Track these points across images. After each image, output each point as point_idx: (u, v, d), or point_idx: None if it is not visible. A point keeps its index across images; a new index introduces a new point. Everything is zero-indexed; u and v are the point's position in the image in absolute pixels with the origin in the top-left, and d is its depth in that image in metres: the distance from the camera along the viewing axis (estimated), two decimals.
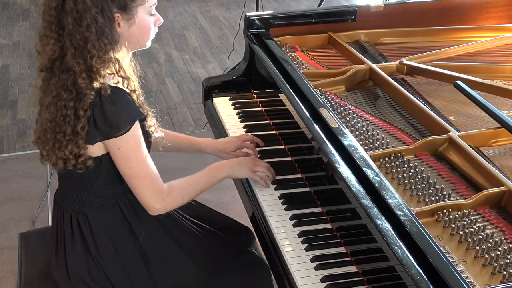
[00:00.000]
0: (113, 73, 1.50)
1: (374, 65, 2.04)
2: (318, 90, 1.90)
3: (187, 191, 1.67)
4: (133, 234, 1.66)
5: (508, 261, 1.29)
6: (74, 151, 1.52)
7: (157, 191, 1.58)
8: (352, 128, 1.75)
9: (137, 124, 1.53)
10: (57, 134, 1.53)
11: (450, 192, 1.48)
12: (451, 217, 1.41)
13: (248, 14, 2.25)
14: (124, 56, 1.58)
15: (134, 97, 1.56)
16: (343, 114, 1.82)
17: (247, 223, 1.90)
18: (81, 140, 1.50)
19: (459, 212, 1.42)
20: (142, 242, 1.66)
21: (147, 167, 1.56)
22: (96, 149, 1.54)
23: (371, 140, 1.69)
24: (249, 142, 1.95)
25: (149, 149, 1.63)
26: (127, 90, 1.54)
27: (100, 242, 1.63)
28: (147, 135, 1.62)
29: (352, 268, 1.49)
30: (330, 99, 1.91)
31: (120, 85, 1.52)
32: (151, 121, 1.64)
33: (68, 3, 1.45)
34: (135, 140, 1.53)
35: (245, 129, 2.09)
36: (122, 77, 1.53)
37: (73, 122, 1.49)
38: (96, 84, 1.47)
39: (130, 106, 1.53)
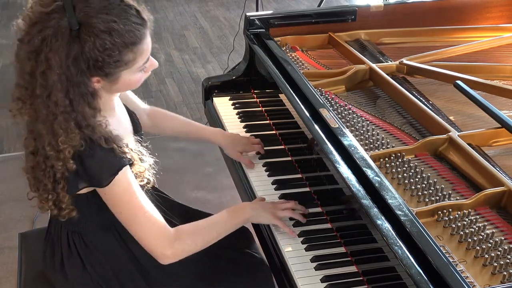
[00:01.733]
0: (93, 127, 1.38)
1: (374, 65, 2.04)
2: (318, 90, 1.90)
3: (201, 235, 1.53)
4: (132, 256, 1.61)
5: (508, 261, 1.29)
6: (57, 204, 1.48)
7: (161, 235, 1.46)
8: (352, 128, 1.75)
9: (124, 171, 1.42)
10: (39, 184, 1.49)
11: (450, 192, 1.48)
12: (451, 217, 1.41)
13: (248, 14, 2.25)
14: (106, 101, 1.48)
15: (115, 146, 1.42)
16: (343, 114, 1.82)
17: (247, 223, 1.90)
18: (63, 198, 1.45)
19: (459, 212, 1.42)
20: (140, 257, 1.61)
21: (142, 211, 1.44)
22: (78, 198, 1.50)
23: (371, 140, 1.69)
24: (254, 148, 1.93)
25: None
26: (105, 142, 1.40)
27: (97, 262, 1.60)
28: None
29: (352, 268, 1.49)
30: (330, 99, 1.91)
31: (98, 135, 1.39)
32: (139, 168, 1.51)
33: (38, 72, 1.35)
34: (123, 186, 1.43)
35: (245, 129, 2.09)
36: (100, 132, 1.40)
37: (52, 179, 1.44)
38: (63, 157, 1.37)
39: (110, 159, 1.40)
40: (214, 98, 2.29)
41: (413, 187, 1.51)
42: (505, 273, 1.27)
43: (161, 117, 1.94)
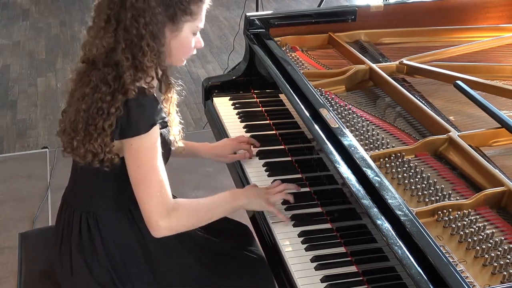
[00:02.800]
0: (153, 77, 1.51)
1: (374, 65, 2.04)
2: (318, 90, 1.90)
3: (195, 213, 1.59)
4: (141, 237, 1.64)
5: (508, 261, 1.29)
6: (103, 146, 1.51)
7: (163, 203, 1.51)
8: (352, 128, 1.75)
9: (156, 128, 1.50)
10: (89, 126, 1.50)
11: (450, 192, 1.48)
12: (451, 217, 1.41)
13: (248, 14, 2.25)
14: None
15: (167, 103, 1.57)
16: (343, 114, 1.82)
17: (247, 223, 1.90)
18: (106, 137, 1.49)
19: (459, 212, 1.42)
20: (150, 245, 1.64)
21: (156, 172, 1.50)
22: (118, 148, 1.53)
23: (371, 140, 1.69)
24: (245, 142, 1.95)
25: (168, 157, 1.62)
26: (160, 95, 1.54)
27: (108, 244, 1.62)
28: (167, 143, 1.60)
29: (352, 268, 1.49)
30: (330, 99, 1.91)
31: (153, 90, 1.52)
32: (175, 130, 1.63)
33: (129, 0, 1.45)
34: (151, 141, 1.49)
35: (245, 129, 2.09)
36: (164, 81, 1.54)
37: (106, 116, 1.48)
38: (139, 83, 1.47)
39: (155, 110, 1.50)
40: (214, 98, 2.29)
41: (413, 187, 1.51)
42: (505, 273, 1.27)
43: None
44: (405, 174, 1.55)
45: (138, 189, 1.51)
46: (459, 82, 1.81)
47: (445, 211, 1.41)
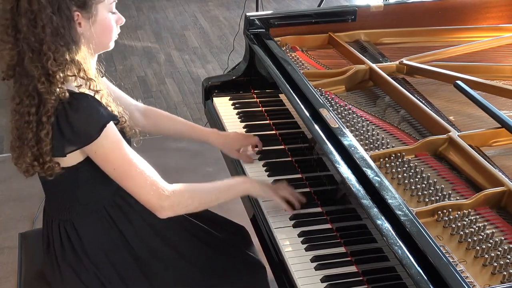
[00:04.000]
0: (74, 75, 1.43)
1: (374, 65, 2.04)
2: (318, 90, 1.90)
3: (199, 192, 1.60)
4: (125, 240, 1.63)
5: (508, 261, 1.29)
6: (38, 158, 1.48)
7: (155, 187, 1.49)
8: (352, 128, 1.75)
9: (110, 126, 1.45)
10: (22, 142, 1.49)
11: (450, 192, 1.48)
12: (451, 217, 1.41)
13: (248, 14, 2.25)
14: (86, 57, 1.49)
15: (98, 97, 1.47)
16: (343, 114, 1.82)
17: (247, 223, 1.90)
18: (46, 147, 1.44)
19: (459, 212, 1.42)
20: (135, 247, 1.64)
21: (133, 165, 1.48)
22: (69, 159, 1.49)
23: (371, 140, 1.69)
24: (251, 145, 1.94)
25: (130, 146, 1.56)
26: (90, 93, 1.45)
27: (92, 251, 1.60)
28: (123, 133, 1.55)
29: (352, 268, 1.49)
30: (330, 99, 1.91)
31: (83, 89, 1.44)
32: (122, 118, 1.55)
33: (22, 4, 1.38)
34: (112, 140, 1.46)
35: (245, 129, 2.09)
36: (82, 78, 1.44)
37: (36, 128, 1.44)
38: (55, 89, 1.40)
39: (97, 111, 1.44)
40: (214, 98, 2.29)
41: (413, 187, 1.51)
42: (505, 273, 1.27)
43: (156, 116, 1.93)
44: (405, 174, 1.55)
45: (126, 186, 1.51)
46: (459, 82, 1.81)
47: (445, 211, 1.41)
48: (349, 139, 1.59)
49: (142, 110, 1.90)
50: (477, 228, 1.38)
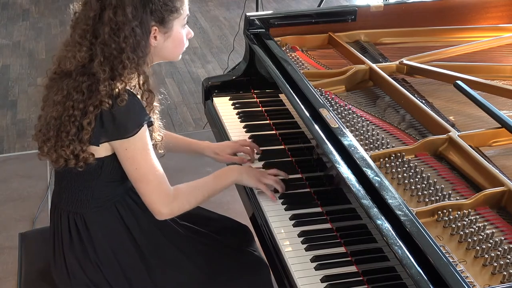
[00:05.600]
0: (136, 85, 1.53)
1: (374, 65, 2.04)
2: (318, 90, 1.90)
3: (194, 195, 1.66)
4: (132, 237, 1.66)
5: (508, 261, 1.29)
6: (76, 151, 1.52)
7: (164, 194, 1.58)
8: (352, 128, 1.75)
9: (145, 128, 1.54)
10: (61, 133, 1.53)
11: (450, 192, 1.48)
12: (451, 217, 1.41)
13: (248, 14, 2.25)
14: (151, 70, 1.60)
15: (144, 99, 1.56)
16: (343, 114, 1.82)
17: (247, 223, 1.90)
18: (85, 135, 1.50)
19: (459, 212, 1.42)
20: (141, 245, 1.66)
21: (154, 170, 1.56)
22: (100, 150, 1.55)
23: (371, 140, 1.69)
24: (248, 147, 1.94)
25: None
26: (143, 103, 1.55)
27: (98, 245, 1.63)
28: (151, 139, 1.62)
29: (352, 268, 1.49)
30: (330, 99, 1.91)
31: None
32: (157, 136, 1.66)
33: (107, 13, 1.47)
34: (143, 142, 1.53)
35: (245, 129, 2.09)
36: (145, 90, 1.56)
37: (79, 121, 1.50)
38: (115, 91, 1.48)
39: (140, 109, 1.53)
40: (214, 98, 2.29)
41: (413, 187, 1.51)
42: (505, 273, 1.27)
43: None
44: (405, 174, 1.55)
45: (138, 186, 1.57)
46: (459, 82, 1.81)
47: (445, 211, 1.41)
48: (349, 139, 1.59)
49: None
50: (477, 228, 1.38)
